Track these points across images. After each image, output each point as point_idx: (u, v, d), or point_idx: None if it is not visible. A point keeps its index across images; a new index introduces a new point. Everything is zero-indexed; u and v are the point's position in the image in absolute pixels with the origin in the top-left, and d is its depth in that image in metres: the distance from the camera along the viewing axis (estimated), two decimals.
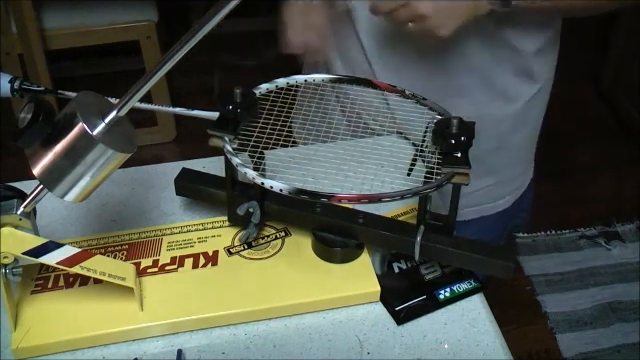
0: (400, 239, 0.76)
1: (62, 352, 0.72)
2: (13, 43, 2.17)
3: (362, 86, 0.86)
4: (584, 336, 1.92)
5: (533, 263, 2.12)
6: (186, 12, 2.92)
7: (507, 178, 1.16)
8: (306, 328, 0.75)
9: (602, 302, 2.00)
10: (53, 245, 0.68)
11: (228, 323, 0.75)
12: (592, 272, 2.09)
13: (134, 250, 0.80)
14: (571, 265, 2.12)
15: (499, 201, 1.16)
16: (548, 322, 1.95)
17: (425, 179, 0.73)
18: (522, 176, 1.18)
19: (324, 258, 0.79)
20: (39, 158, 0.63)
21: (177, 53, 0.61)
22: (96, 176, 0.65)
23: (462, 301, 0.78)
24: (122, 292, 0.73)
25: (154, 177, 0.94)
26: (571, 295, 2.03)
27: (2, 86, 0.78)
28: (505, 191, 1.16)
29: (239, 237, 0.82)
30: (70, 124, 0.62)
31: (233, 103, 0.76)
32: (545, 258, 2.15)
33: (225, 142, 0.75)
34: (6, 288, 0.69)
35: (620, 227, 2.24)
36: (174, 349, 0.73)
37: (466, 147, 0.72)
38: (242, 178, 0.77)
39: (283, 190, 0.70)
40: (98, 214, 0.88)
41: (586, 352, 1.88)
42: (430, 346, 0.73)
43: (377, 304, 0.77)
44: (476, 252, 0.74)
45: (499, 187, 1.15)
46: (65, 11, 2.23)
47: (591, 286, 2.05)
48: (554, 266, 2.11)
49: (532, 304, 2.01)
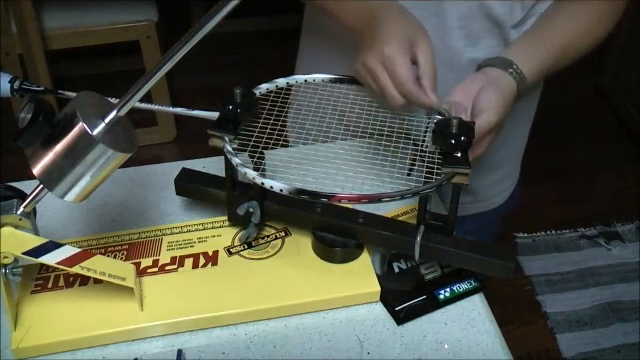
0: (400, 239, 0.76)
1: (62, 352, 0.72)
2: (13, 43, 2.17)
3: (362, 86, 0.86)
4: (584, 336, 1.92)
5: (533, 263, 2.12)
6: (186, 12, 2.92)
7: (509, 172, 1.17)
8: (306, 328, 0.75)
9: (602, 302, 2.00)
10: (53, 245, 0.68)
11: (228, 323, 0.75)
12: (592, 272, 2.09)
13: (134, 250, 0.80)
14: (571, 265, 2.12)
15: (498, 197, 1.17)
16: (548, 322, 1.96)
17: (425, 179, 0.73)
18: (517, 169, 1.19)
19: (324, 258, 0.79)
20: (39, 158, 0.63)
21: (177, 53, 0.61)
22: (96, 176, 0.65)
23: (462, 301, 0.78)
24: (122, 292, 0.73)
25: (154, 177, 0.94)
26: (571, 295, 2.03)
27: (2, 86, 0.78)
28: (505, 185, 1.17)
29: (239, 237, 0.82)
30: (70, 124, 0.62)
31: (233, 103, 0.76)
32: (545, 258, 2.15)
33: (225, 142, 0.75)
34: (6, 288, 0.69)
35: (620, 227, 2.24)
36: (174, 349, 0.73)
37: (466, 147, 0.72)
38: (242, 178, 0.77)
39: (283, 190, 0.70)
40: (98, 214, 0.88)
41: (586, 352, 1.88)
42: (430, 346, 0.73)
43: (377, 304, 0.77)
44: (476, 252, 0.75)
45: (502, 181, 1.16)
46: (65, 11, 2.23)
47: (591, 286, 2.05)
48: (554, 266, 2.11)
49: (532, 304, 2.01)
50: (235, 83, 0.78)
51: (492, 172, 1.12)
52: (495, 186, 1.16)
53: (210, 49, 2.05)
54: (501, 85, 0.84)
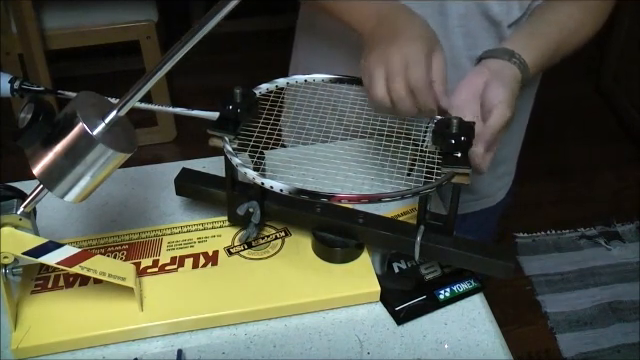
0: (400, 239, 0.76)
1: (62, 352, 0.72)
2: (13, 43, 2.17)
3: (362, 86, 0.86)
4: (584, 336, 1.92)
5: (533, 263, 2.12)
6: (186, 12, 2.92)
7: (509, 168, 1.17)
8: (306, 328, 0.75)
9: (602, 302, 2.00)
10: (53, 245, 0.68)
11: (228, 323, 0.75)
12: (592, 272, 2.09)
13: (134, 250, 0.80)
14: (571, 265, 2.12)
15: (498, 193, 1.18)
16: (548, 322, 1.96)
17: (425, 179, 0.73)
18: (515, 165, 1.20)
19: (324, 258, 0.79)
20: (39, 158, 0.63)
21: (177, 53, 0.61)
22: (96, 176, 0.65)
23: (462, 301, 0.78)
24: (122, 292, 0.73)
25: (154, 177, 0.94)
26: (571, 295, 2.03)
27: (2, 86, 0.78)
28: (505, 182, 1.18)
29: (239, 237, 0.82)
30: (70, 124, 0.62)
31: (233, 103, 0.76)
32: (545, 258, 2.15)
33: (225, 142, 0.75)
34: (6, 288, 0.69)
35: (620, 227, 2.24)
36: (174, 349, 0.73)
37: (466, 147, 0.72)
38: (242, 178, 0.77)
39: (283, 190, 0.70)
40: (98, 214, 0.88)
41: (586, 352, 1.88)
42: (430, 346, 0.73)
43: (377, 304, 0.77)
44: (476, 252, 0.75)
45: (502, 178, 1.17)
46: (65, 11, 2.23)
47: (591, 286, 2.05)
48: (554, 266, 2.12)
49: (532, 304, 2.01)
50: (235, 83, 0.78)
51: (493, 169, 1.12)
52: (496, 183, 1.16)
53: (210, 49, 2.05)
54: (506, 76, 0.83)
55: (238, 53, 2.92)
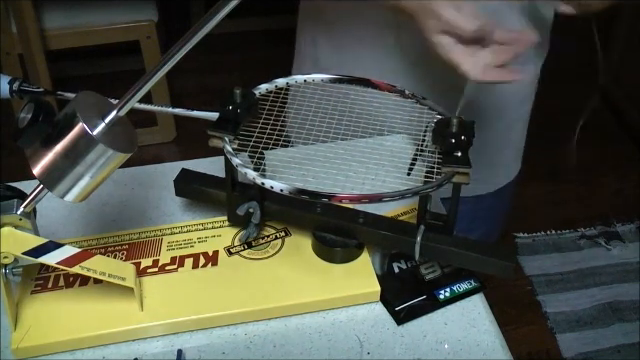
0: (400, 239, 0.76)
1: (62, 352, 0.72)
2: (13, 43, 2.17)
3: (362, 86, 0.86)
4: (584, 336, 1.92)
5: (533, 263, 2.13)
6: (186, 12, 2.92)
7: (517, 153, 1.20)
8: (306, 328, 0.75)
9: (602, 302, 2.00)
10: (53, 245, 0.68)
11: (228, 323, 0.75)
12: (592, 272, 2.10)
13: (134, 250, 0.80)
14: (571, 265, 2.12)
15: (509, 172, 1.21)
16: (548, 322, 1.96)
17: (425, 179, 0.73)
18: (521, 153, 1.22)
19: (324, 258, 0.79)
20: (39, 158, 0.63)
21: (177, 53, 0.61)
22: (96, 176, 0.65)
23: (462, 301, 0.78)
24: (122, 292, 0.73)
25: (154, 177, 0.94)
26: (571, 295, 2.03)
27: (1, 88, 0.78)
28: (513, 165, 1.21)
29: (239, 237, 0.82)
30: (70, 124, 0.62)
31: (233, 103, 0.76)
32: (545, 258, 2.15)
33: (225, 142, 0.75)
34: (6, 288, 0.69)
35: (620, 227, 2.24)
36: (174, 349, 0.73)
37: (466, 146, 0.72)
38: (242, 178, 0.77)
39: (283, 190, 0.70)
40: (98, 214, 0.88)
41: (586, 352, 1.88)
42: (430, 346, 0.73)
43: (377, 304, 0.77)
44: (476, 252, 0.75)
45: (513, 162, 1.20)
46: (65, 11, 2.23)
47: (591, 286, 2.05)
48: (554, 266, 2.12)
49: (532, 304, 2.01)
50: (235, 83, 0.78)
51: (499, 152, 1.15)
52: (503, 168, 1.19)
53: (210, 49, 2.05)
54: None
55: (238, 53, 2.92)
